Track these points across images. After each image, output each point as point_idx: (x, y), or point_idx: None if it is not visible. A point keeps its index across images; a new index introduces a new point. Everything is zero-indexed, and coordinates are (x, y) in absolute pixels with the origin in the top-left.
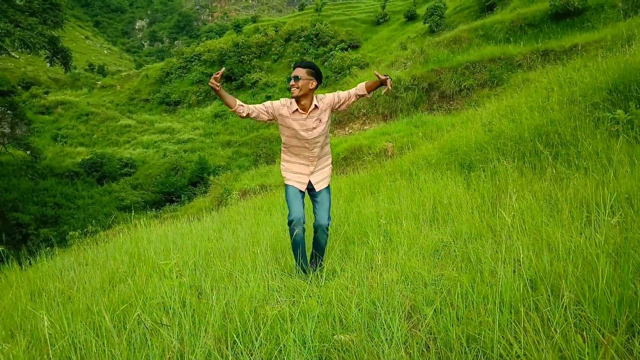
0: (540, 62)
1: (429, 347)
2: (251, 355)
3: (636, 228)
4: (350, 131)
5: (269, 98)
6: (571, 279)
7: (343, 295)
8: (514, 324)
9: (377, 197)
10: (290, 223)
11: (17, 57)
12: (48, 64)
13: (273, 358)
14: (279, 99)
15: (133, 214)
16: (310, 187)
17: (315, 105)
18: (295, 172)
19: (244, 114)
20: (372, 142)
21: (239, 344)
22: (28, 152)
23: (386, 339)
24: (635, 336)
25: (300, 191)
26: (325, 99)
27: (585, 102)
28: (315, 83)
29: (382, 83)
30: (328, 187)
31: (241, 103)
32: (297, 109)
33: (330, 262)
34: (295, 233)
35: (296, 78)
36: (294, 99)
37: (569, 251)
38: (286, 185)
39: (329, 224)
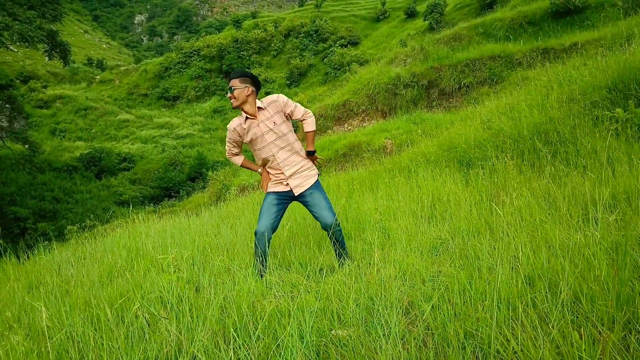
0: (540, 60)
1: (426, 342)
2: (249, 350)
3: (634, 226)
4: (349, 128)
5: (268, 94)
6: (569, 276)
7: (341, 291)
8: (512, 320)
9: (375, 193)
10: (255, 234)
11: (16, 50)
12: (47, 58)
13: (270, 352)
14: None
15: (131, 208)
16: (297, 195)
17: (259, 107)
18: (275, 181)
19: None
20: (371, 139)
21: (237, 338)
22: (26, 146)
23: (384, 335)
24: (632, 333)
25: (279, 202)
26: (273, 101)
27: (585, 101)
28: (250, 89)
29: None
30: (316, 186)
31: (241, 159)
32: (247, 117)
33: (328, 258)
34: (257, 245)
35: (231, 89)
36: (242, 113)
37: (567, 248)
38: (265, 195)
39: (334, 220)
